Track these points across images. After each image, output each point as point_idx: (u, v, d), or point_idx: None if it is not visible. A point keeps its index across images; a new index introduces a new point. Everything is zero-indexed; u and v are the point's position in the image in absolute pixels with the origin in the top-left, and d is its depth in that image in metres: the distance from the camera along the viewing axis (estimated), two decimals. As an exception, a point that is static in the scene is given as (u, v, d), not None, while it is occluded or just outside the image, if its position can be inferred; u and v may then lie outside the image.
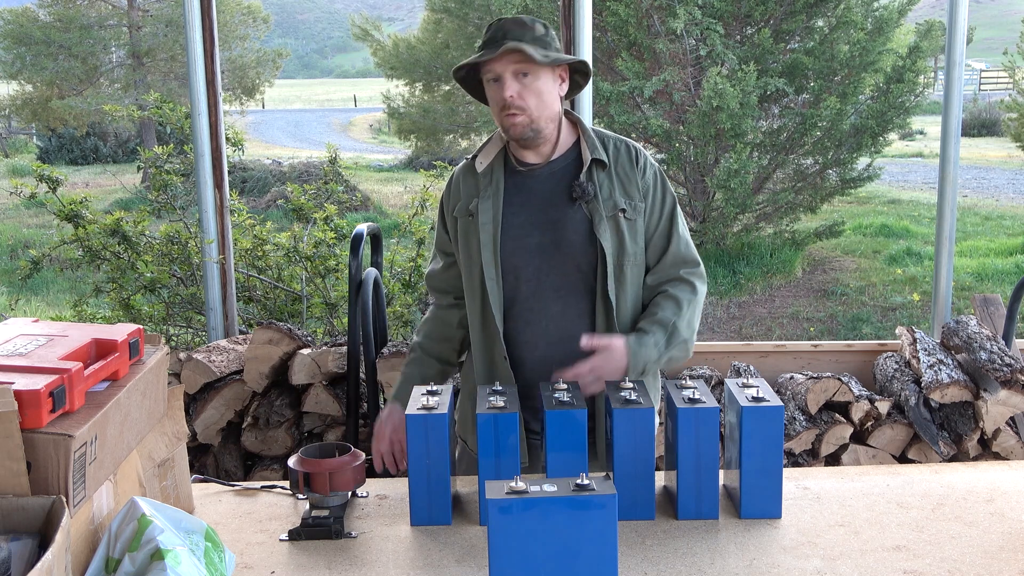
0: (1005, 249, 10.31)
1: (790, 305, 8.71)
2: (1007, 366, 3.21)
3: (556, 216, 2.09)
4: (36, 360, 1.47)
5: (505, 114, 2.03)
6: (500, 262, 2.08)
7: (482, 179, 2.14)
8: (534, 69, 2.02)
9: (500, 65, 2.01)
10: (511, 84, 2.01)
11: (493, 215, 2.10)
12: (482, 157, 2.15)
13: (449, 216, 2.21)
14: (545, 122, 2.06)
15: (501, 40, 2.01)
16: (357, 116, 34.66)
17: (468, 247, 2.14)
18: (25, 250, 9.07)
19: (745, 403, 1.78)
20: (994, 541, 1.70)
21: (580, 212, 2.08)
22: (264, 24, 21.20)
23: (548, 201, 2.10)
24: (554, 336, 2.09)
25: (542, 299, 2.09)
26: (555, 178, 2.11)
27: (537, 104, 2.04)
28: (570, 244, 2.07)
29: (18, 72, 18.69)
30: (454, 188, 2.21)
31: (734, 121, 8.64)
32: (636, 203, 2.10)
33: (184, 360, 3.45)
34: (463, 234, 2.15)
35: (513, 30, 2.03)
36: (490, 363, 2.13)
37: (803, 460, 3.30)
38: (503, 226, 2.09)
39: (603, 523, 1.40)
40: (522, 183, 2.13)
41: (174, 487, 1.82)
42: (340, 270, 4.59)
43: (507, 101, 2.01)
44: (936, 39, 9.90)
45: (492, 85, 2.06)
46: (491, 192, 2.12)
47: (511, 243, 2.09)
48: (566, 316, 2.09)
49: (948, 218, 3.88)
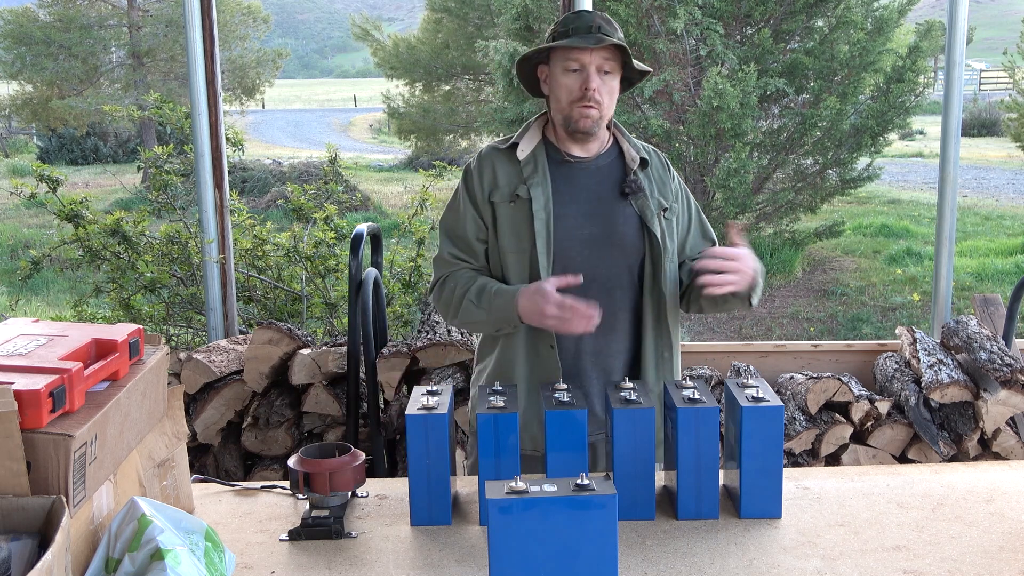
0: (1005, 249, 10.31)
1: (790, 305, 8.71)
2: (1007, 366, 3.21)
3: (606, 210, 2.13)
4: (36, 360, 1.47)
5: (580, 104, 2.07)
6: (553, 251, 2.10)
7: (524, 166, 2.13)
8: (614, 69, 2.09)
9: (590, 56, 2.06)
10: (595, 78, 2.06)
11: (545, 203, 2.10)
12: (524, 144, 2.16)
13: (483, 202, 2.15)
14: (606, 121, 2.14)
15: (595, 32, 2.05)
16: (357, 116, 34.66)
17: (517, 233, 2.11)
18: (25, 250, 9.07)
19: (745, 403, 1.78)
20: (994, 541, 1.70)
21: (630, 208, 2.13)
22: (264, 24, 21.19)
23: (597, 195, 2.14)
24: (600, 326, 2.06)
25: (588, 290, 2.08)
26: (602, 173, 2.16)
27: (608, 103, 2.11)
28: (621, 237, 2.12)
29: (18, 72, 18.69)
30: (487, 173, 2.16)
31: (734, 121, 8.65)
32: (672, 204, 2.19)
33: (184, 360, 3.45)
34: (508, 219, 2.12)
35: (604, 27, 2.08)
36: (534, 352, 2.12)
37: (803, 460, 3.30)
38: (554, 215, 2.11)
39: (603, 523, 1.40)
40: (570, 175, 2.15)
41: (174, 487, 1.82)
42: (340, 270, 4.60)
43: (589, 93, 2.06)
44: (936, 39, 9.90)
45: (571, 74, 2.09)
46: (539, 180, 2.12)
47: (562, 233, 2.11)
48: (609, 309, 2.10)
49: (948, 218, 3.88)
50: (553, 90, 2.13)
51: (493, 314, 2.06)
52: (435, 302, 2.22)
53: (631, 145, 2.20)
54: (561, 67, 2.09)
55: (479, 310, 2.07)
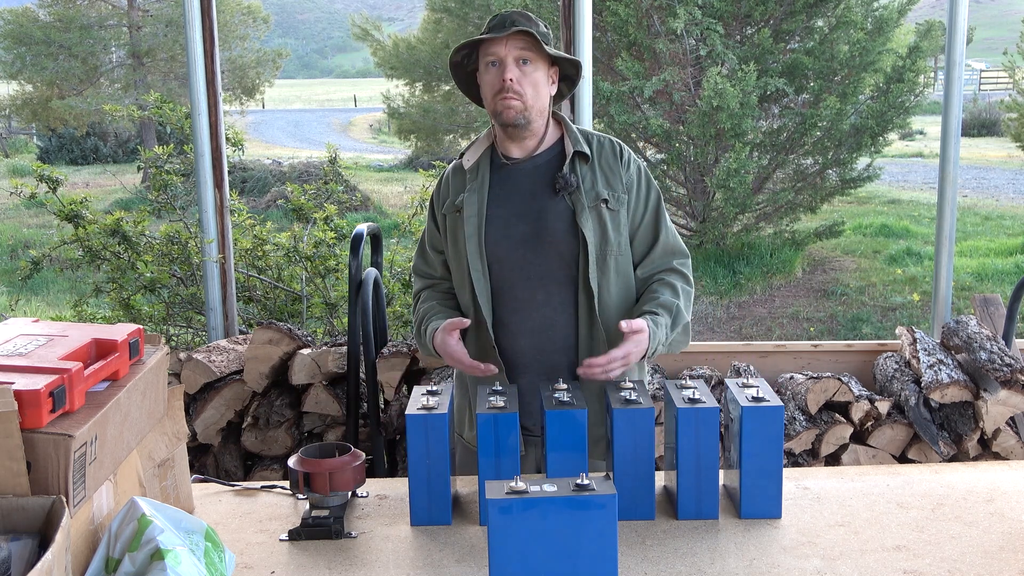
0: (1005, 249, 10.31)
1: (790, 305, 8.71)
2: (1007, 366, 3.21)
3: (539, 207, 2.13)
4: (36, 360, 1.47)
5: (500, 97, 2.08)
6: (486, 253, 2.12)
7: (468, 175, 2.19)
8: (534, 60, 2.08)
9: (504, 48, 2.06)
10: (512, 68, 2.06)
11: (478, 208, 2.14)
12: (469, 154, 2.20)
13: (439, 214, 2.25)
14: (536, 113, 2.12)
15: (509, 26, 2.06)
16: (357, 116, 34.65)
17: (455, 241, 2.18)
18: (25, 250, 9.07)
19: (745, 403, 1.78)
20: (994, 541, 1.70)
21: (563, 203, 2.12)
22: (264, 24, 21.18)
23: (532, 193, 2.15)
24: (538, 324, 2.14)
25: (527, 289, 2.14)
26: (539, 171, 2.16)
27: (532, 94, 2.09)
28: (553, 234, 2.11)
29: (18, 72, 18.68)
30: (443, 186, 2.25)
31: (734, 121, 8.64)
32: (619, 195, 2.15)
33: (184, 360, 3.45)
34: (451, 229, 2.20)
35: (520, 20, 2.08)
36: (482, 353, 2.15)
37: (803, 460, 3.30)
38: (487, 217, 2.14)
39: (603, 523, 1.40)
40: (507, 177, 2.17)
41: (174, 487, 1.82)
42: (340, 270, 4.60)
43: (506, 84, 2.06)
44: (936, 39, 9.90)
45: (490, 69, 2.10)
46: (476, 186, 2.16)
47: (495, 234, 2.13)
48: (549, 305, 2.13)
49: (948, 218, 3.88)
50: (482, 89, 2.15)
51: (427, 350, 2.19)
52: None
53: (572, 139, 2.17)
54: (483, 64, 2.12)
55: (421, 345, 2.23)
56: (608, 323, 2.12)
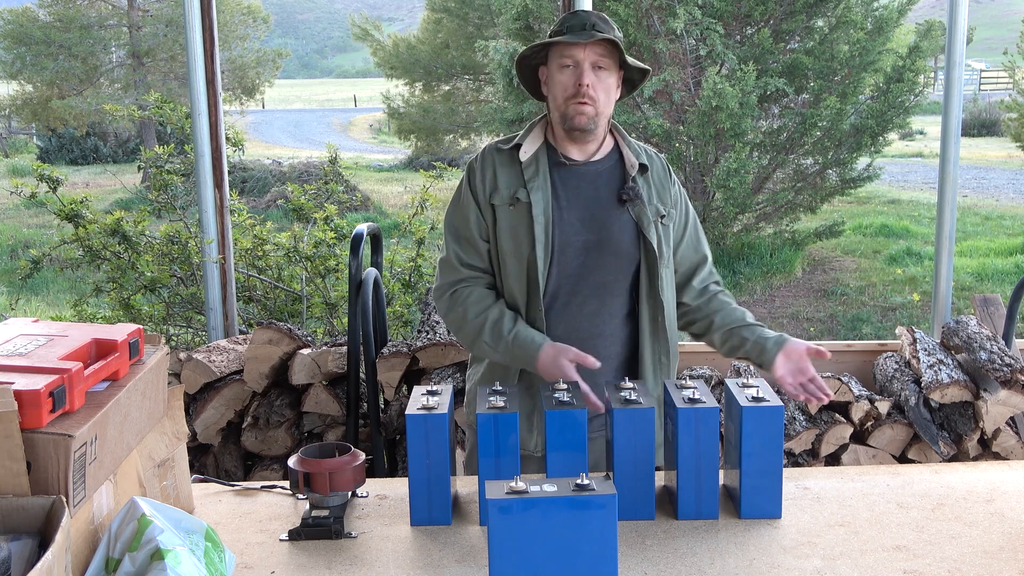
0: (1005, 249, 10.30)
1: (790, 305, 8.71)
2: (1007, 366, 3.21)
3: (603, 216, 2.12)
4: (36, 360, 1.47)
5: (575, 101, 2.07)
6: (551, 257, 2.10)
7: (527, 168, 2.13)
8: (609, 66, 2.08)
9: (583, 52, 2.05)
10: (589, 74, 2.06)
11: (545, 207, 2.10)
12: (527, 146, 2.15)
13: (485, 203, 2.15)
14: (603, 120, 2.12)
15: (589, 29, 2.05)
16: (357, 116, 34.65)
17: (516, 236, 2.12)
18: (25, 250, 9.07)
19: (745, 403, 1.78)
20: (994, 541, 1.70)
21: (626, 214, 2.13)
22: (264, 24, 21.19)
23: (595, 200, 2.14)
24: (586, 333, 2.12)
25: (581, 296, 2.12)
26: (601, 178, 2.16)
27: (604, 100, 2.10)
28: (617, 244, 2.12)
29: (18, 72, 18.69)
30: (489, 173, 2.16)
31: (734, 121, 8.64)
32: (670, 209, 2.19)
33: (184, 360, 3.45)
34: (507, 222, 2.13)
35: (599, 24, 2.07)
36: None
37: (803, 460, 3.30)
38: (552, 219, 2.11)
39: (603, 523, 1.40)
40: (568, 178, 2.15)
41: (174, 487, 1.82)
42: (340, 270, 4.60)
43: (582, 89, 2.05)
44: (936, 39, 9.90)
45: (565, 71, 2.09)
46: (539, 183, 2.12)
47: (560, 238, 2.11)
48: (600, 315, 2.13)
49: (948, 218, 3.87)
50: (551, 89, 2.14)
51: (512, 360, 2.10)
52: (443, 315, 2.22)
53: (631, 150, 2.19)
54: (557, 64, 2.10)
55: (495, 352, 2.12)
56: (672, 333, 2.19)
